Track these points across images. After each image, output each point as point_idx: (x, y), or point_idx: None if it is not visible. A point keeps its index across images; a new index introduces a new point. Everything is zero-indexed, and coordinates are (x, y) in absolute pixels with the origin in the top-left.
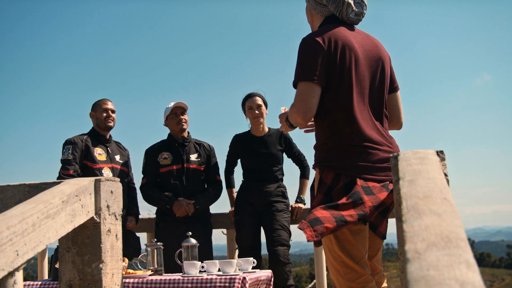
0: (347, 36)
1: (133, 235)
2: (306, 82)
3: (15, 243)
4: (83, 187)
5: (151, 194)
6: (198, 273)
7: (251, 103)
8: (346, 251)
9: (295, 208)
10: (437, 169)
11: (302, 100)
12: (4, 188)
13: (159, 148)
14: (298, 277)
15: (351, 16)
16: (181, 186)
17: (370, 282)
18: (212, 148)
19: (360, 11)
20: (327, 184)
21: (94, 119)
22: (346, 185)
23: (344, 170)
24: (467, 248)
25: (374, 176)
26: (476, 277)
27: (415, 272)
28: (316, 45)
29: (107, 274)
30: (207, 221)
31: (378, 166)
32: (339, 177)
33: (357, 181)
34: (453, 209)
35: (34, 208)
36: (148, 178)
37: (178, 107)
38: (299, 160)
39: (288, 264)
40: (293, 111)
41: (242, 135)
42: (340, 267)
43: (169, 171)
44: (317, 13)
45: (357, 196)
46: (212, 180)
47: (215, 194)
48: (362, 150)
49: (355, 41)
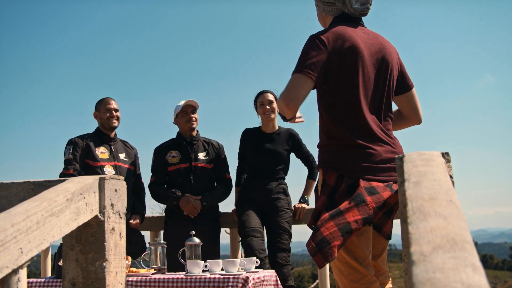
0: (353, 36)
1: (138, 234)
2: (298, 73)
3: (19, 240)
4: (88, 185)
5: (159, 192)
6: (201, 272)
7: (262, 99)
8: (349, 252)
9: (298, 208)
10: (443, 171)
11: (289, 88)
12: (9, 185)
13: (167, 147)
14: (301, 277)
15: (357, 7)
16: (188, 185)
17: (373, 283)
18: (221, 147)
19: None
20: (330, 185)
21: (98, 119)
22: (348, 186)
23: (347, 172)
24: (473, 251)
25: (378, 176)
26: (482, 280)
27: (420, 274)
28: (320, 43)
29: (111, 272)
30: (216, 220)
31: (381, 167)
32: (342, 178)
33: (360, 182)
34: (459, 212)
35: (38, 206)
36: (157, 176)
37: (189, 105)
38: (308, 161)
39: (287, 265)
40: (279, 99)
41: (252, 130)
42: (344, 268)
43: (177, 169)
44: (327, 13)
45: (360, 198)
46: (221, 178)
47: (224, 192)
48: (365, 151)
49: (361, 41)
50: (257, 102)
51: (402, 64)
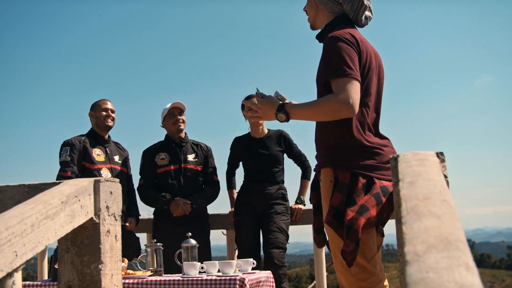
0: (365, 41)
1: (133, 236)
2: (353, 79)
3: (14, 243)
4: (83, 188)
5: (148, 195)
6: (197, 274)
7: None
8: (359, 250)
9: (295, 209)
10: (437, 171)
11: (353, 93)
12: (3, 188)
13: (156, 149)
14: (298, 278)
15: (364, 20)
16: (178, 186)
17: (380, 282)
18: (210, 149)
19: (369, 16)
20: (345, 183)
21: (93, 118)
22: (364, 184)
23: (360, 169)
24: (467, 251)
25: (387, 176)
26: (475, 280)
27: (414, 274)
28: (352, 44)
29: (107, 275)
30: (204, 221)
31: (388, 167)
32: (356, 177)
33: (375, 181)
34: (453, 211)
35: (33, 209)
36: (145, 179)
37: (176, 108)
38: (300, 160)
39: (283, 267)
40: (340, 102)
41: (242, 137)
42: (351, 267)
43: (166, 171)
44: (326, 9)
45: (379, 199)
46: (209, 181)
47: (212, 194)
48: (374, 151)
49: (369, 46)
50: (244, 107)
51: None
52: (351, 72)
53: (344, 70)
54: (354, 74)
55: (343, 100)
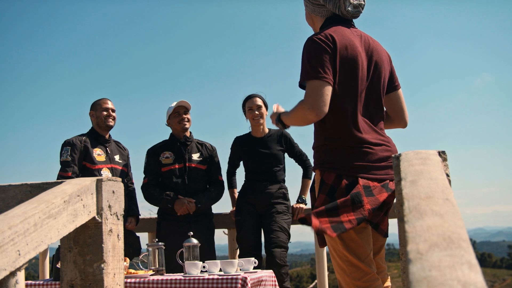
0: (349, 37)
1: (133, 235)
2: (317, 80)
3: (16, 243)
4: (85, 187)
5: (152, 194)
6: (199, 273)
7: (251, 104)
8: (351, 250)
9: (296, 209)
10: (439, 170)
11: (316, 95)
12: (6, 188)
13: (161, 148)
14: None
15: (350, 10)
16: (183, 185)
17: (376, 281)
18: (214, 149)
19: (358, 3)
20: (329, 184)
21: (94, 118)
22: (347, 185)
23: (345, 171)
24: (469, 249)
25: (375, 175)
26: (478, 278)
27: (417, 272)
28: (325, 45)
29: (109, 274)
30: (209, 221)
31: (378, 165)
32: (341, 178)
33: (359, 180)
34: (455, 210)
35: (36, 208)
36: (150, 177)
37: (181, 106)
38: (301, 160)
39: (285, 266)
40: (304, 107)
41: (243, 137)
42: (346, 266)
43: (171, 170)
44: (317, 15)
45: (358, 198)
46: (214, 180)
47: (217, 194)
48: (362, 151)
49: (356, 42)
50: (245, 106)
51: (393, 66)
52: (317, 74)
53: (308, 73)
54: (321, 76)
55: (306, 105)
